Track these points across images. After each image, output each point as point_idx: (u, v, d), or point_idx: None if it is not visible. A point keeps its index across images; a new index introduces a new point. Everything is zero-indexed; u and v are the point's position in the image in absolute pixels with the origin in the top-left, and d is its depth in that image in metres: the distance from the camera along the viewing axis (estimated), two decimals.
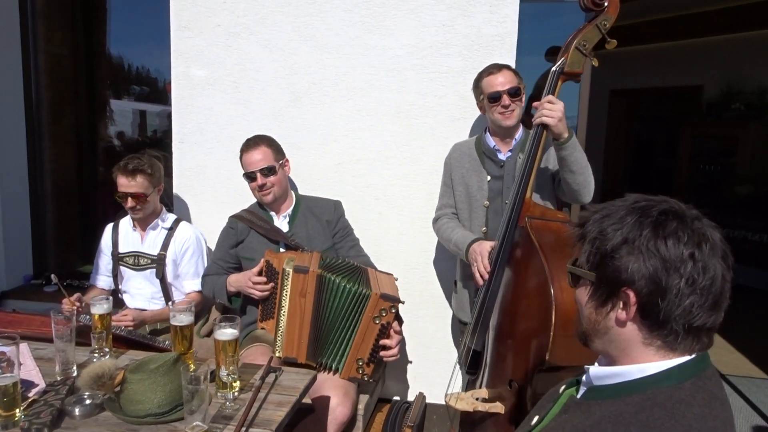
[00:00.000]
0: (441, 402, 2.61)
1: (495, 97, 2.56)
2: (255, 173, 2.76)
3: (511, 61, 3.00)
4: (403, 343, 3.20)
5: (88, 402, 1.77)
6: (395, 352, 2.48)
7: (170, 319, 2.06)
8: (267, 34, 3.24)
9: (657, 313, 0.96)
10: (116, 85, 4.88)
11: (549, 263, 1.94)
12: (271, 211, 2.88)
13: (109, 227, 3.09)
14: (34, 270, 4.26)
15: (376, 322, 2.40)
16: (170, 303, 2.39)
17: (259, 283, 2.56)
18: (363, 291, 2.42)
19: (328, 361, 2.48)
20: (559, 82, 2.27)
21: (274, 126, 3.24)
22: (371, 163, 3.23)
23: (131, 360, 2.05)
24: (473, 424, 2.40)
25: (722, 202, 6.78)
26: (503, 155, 2.65)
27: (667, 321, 0.96)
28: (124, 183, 2.82)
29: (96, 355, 2.06)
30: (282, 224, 2.86)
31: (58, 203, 4.42)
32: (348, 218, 2.97)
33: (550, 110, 2.22)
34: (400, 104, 3.16)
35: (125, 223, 3.04)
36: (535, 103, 2.28)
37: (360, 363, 2.43)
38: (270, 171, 2.77)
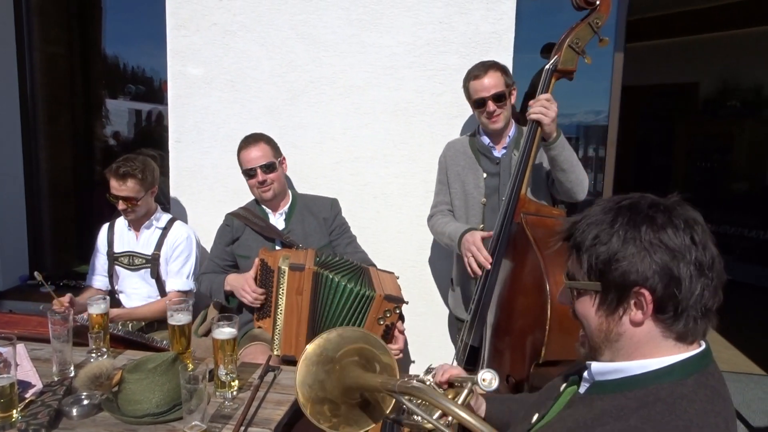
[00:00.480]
0: None
1: (480, 103, 2.56)
2: (255, 170, 2.75)
3: (508, 58, 2.99)
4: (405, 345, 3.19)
5: (85, 402, 1.76)
6: (399, 351, 2.46)
7: (168, 319, 2.05)
8: (263, 32, 3.23)
9: (675, 304, 0.97)
10: (112, 85, 4.86)
11: (544, 259, 1.95)
12: (267, 208, 2.88)
13: (104, 227, 3.07)
14: (30, 270, 4.23)
15: (381, 323, 2.39)
16: (166, 302, 2.39)
17: (254, 292, 2.55)
18: (366, 292, 2.42)
19: None
20: (553, 80, 2.30)
21: (272, 124, 3.23)
22: (369, 161, 3.22)
23: (129, 360, 2.04)
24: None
25: (719, 199, 6.79)
26: (498, 152, 2.65)
27: (684, 310, 0.97)
28: (115, 186, 2.80)
29: (93, 355, 2.05)
30: (278, 222, 2.85)
31: (54, 203, 4.40)
32: (346, 216, 2.97)
33: (546, 108, 2.23)
34: (397, 102, 3.15)
35: (120, 223, 3.03)
36: (531, 102, 2.29)
37: None
38: (270, 168, 2.76)
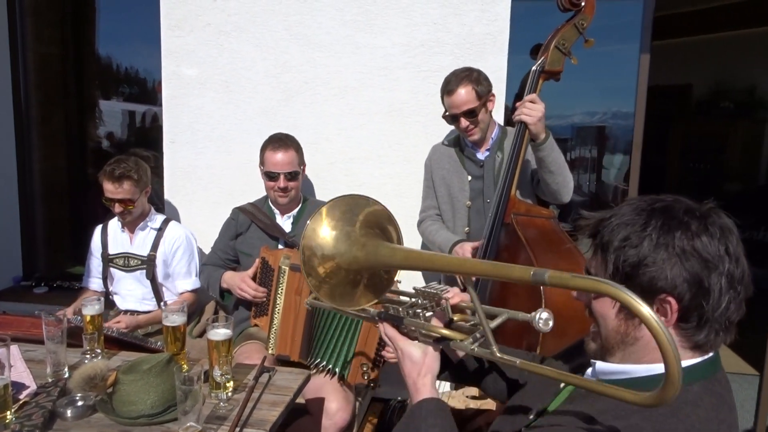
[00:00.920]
0: None
1: (453, 118, 2.58)
2: (278, 175, 2.71)
3: (502, 59, 3.00)
4: None
5: (80, 404, 1.75)
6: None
7: (162, 320, 2.05)
8: (258, 32, 3.22)
9: (700, 315, 0.94)
10: (106, 85, 4.85)
11: (536, 258, 1.96)
12: (276, 209, 2.87)
13: (98, 229, 3.06)
14: (24, 271, 4.21)
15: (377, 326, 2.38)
16: (162, 304, 2.38)
17: (253, 290, 2.56)
18: None
19: (332, 366, 2.42)
20: (540, 81, 2.32)
21: (266, 125, 3.22)
22: (363, 162, 3.22)
23: (123, 361, 2.03)
24: (465, 422, 2.40)
25: (712, 199, 6.81)
26: (481, 155, 2.66)
27: (708, 321, 0.95)
28: (110, 189, 2.78)
29: (88, 356, 2.04)
30: (285, 224, 2.85)
31: (48, 204, 4.38)
32: None
33: (530, 109, 2.25)
34: (392, 103, 3.16)
35: (114, 225, 3.02)
36: (518, 103, 2.30)
37: (365, 368, 2.40)
38: (294, 176, 2.75)
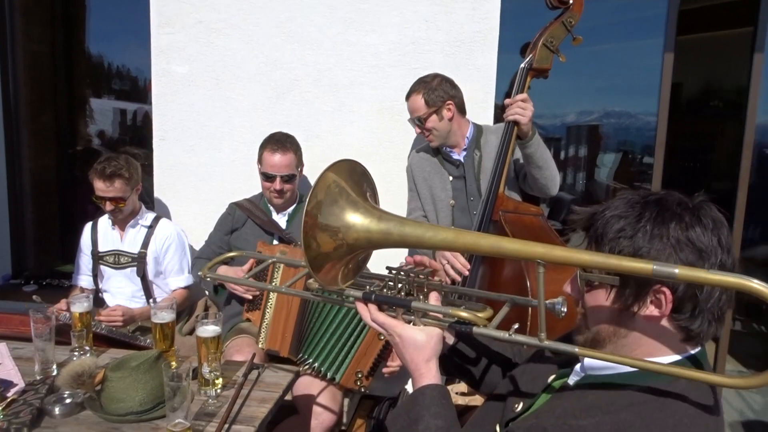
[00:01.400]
0: None
1: (412, 123, 2.65)
2: (275, 177, 2.72)
3: (492, 57, 3.01)
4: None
5: (68, 401, 1.75)
6: (395, 369, 2.44)
7: (151, 317, 2.04)
8: (248, 30, 3.22)
9: (694, 305, 0.95)
10: (96, 83, 4.83)
11: None
12: (272, 207, 2.88)
13: (87, 226, 3.05)
14: (13, 270, 4.19)
15: (381, 339, 2.38)
16: (151, 301, 2.38)
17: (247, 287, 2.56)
18: None
19: (323, 369, 2.42)
20: (528, 78, 2.34)
21: (256, 122, 3.22)
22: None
23: (112, 358, 2.03)
24: None
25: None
26: (458, 155, 2.68)
27: (702, 312, 0.96)
28: (101, 188, 2.77)
29: (76, 353, 2.04)
30: (280, 221, 2.86)
31: (38, 202, 4.36)
32: None
33: (523, 109, 2.26)
34: (382, 100, 3.16)
35: (104, 222, 3.01)
36: (507, 100, 2.31)
37: (359, 375, 2.40)
38: (290, 179, 2.76)
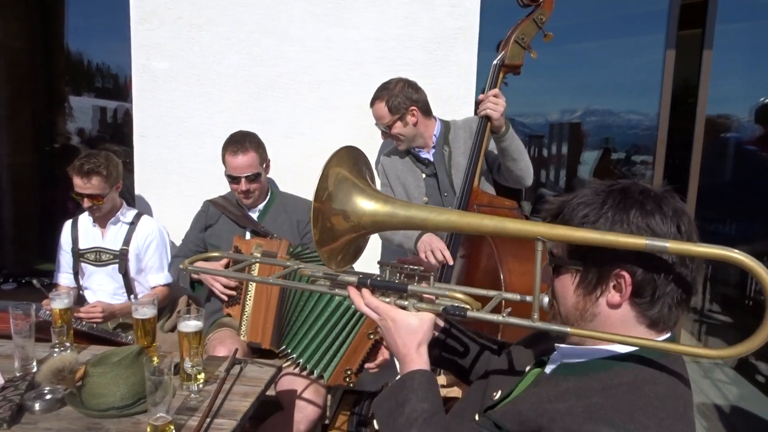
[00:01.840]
0: None
1: (380, 128, 2.70)
2: (240, 178, 2.72)
3: (472, 54, 3.04)
4: None
5: (48, 397, 1.74)
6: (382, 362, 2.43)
7: (132, 313, 2.04)
8: (230, 26, 3.21)
9: (653, 289, 0.98)
10: (75, 81, 4.79)
11: (498, 249, 2.00)
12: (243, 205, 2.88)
13: (67, 224, 3.03)
14: None
15: (370, 338, 2.39)
16: (132, 297, 2.37)
17: (224, 285, 2.56)
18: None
19: (310, 366, 2.41)
20: (501, 74, 2.37)
21: (238, 119, 3.22)
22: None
23: (93, 355, 2.02)
24: None
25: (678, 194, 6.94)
26: (428, 153, 2.72)
27: (661, 296, 0.99)
28: (79, 184, 2.76)
29: (57, 350, 2.03)
30: (253, 216, 2.86)
31: (16, 199, 4.32)
32: None
33: (495, 104, 2.29)
34: (364, 97, 3.15)
35: (85, 219, 2.99)
36: (481, 96, 2.34)
37: (348, 373, 2.41)
38: (255, 178, 2.75)
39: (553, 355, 1.15)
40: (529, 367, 1.23)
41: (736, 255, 0.87)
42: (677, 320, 1.03)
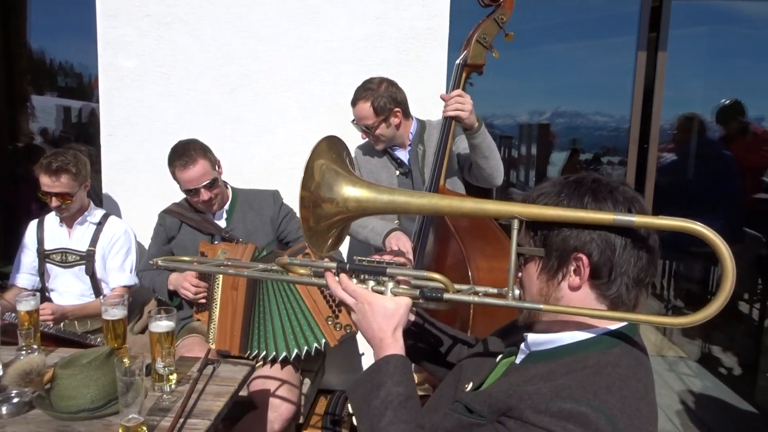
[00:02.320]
0: None
1: (358, 128, 2.68)
2: (198, 190, 2.61)
3: (442, 54, 3.07)
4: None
5: (15, 400, 1.70)
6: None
7: (102, 314, 2.00)
8: (199, 24, 3.18)
9: (609, 271, 1.05)
10: (38, 80, 4.69)
11: (465, 246, 2.03)
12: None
13: (33, 224, 2.96)
14: None
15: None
16: (101, 298, 2.33)
17: (194, 286, 2.54)
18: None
19: (306, 347, 2.38)
20: (464, 74, 2.38)
21: (208, 118, 3.19)
22: (307, 155, 3.22)
23: (61, 358, 1.98)
24: None
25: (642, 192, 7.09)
26: (403, 152, 2.74)
27: (617, 277, 1.05)
28: (47, 183, 2.70)
29: (23, 352, 1.98)
30: (220, 221, 2.80)
31: None
32: None
33: (461, 104, 2.31)
34: (335, 96, 3.17)
35: (51, 219, 2.93)
36: (443, 95, 2.36)
37: (330, 321, 2.39)
38: (213, 184, 2.65)
39: (522, 345, 1.19)
40: (500, 357, 1.27)
41: (695, 226, 0.96)
42: (636, 302, 1.09)
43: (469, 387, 1.23)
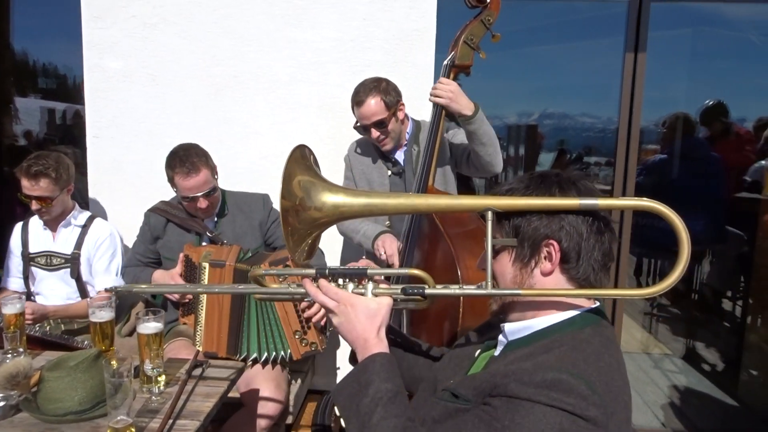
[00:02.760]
0: None
1: (364, 128, 2.63)
2: (197, 198, 2.59)
3: (430, 55, 3.08)
4: (333, 335, 3.21)
5: (1, 404, 1.68)
6: (320, 314, 2.42)
7: (89, 316, 1.99)
8: (185, 25, 3.17)
9: (577, 255, 1.13)
10: (21, 82, 4.64)
11: (454, 245, 2.04)
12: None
13: (18, 227, 2.93)
14: None
15: (296, 302, 2.39)
16: (88, 300, 2.32)
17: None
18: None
19: (268, 355, 2.43)
20: (452, 75, 2.39)
21: (195, 119, 3.18)
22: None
23: (47, 361, 1.97)
24: None
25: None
26: (399, 152, 2.72)
27: (585, 260, 1.14)
28: (27, 186, 2.67)
29: (9, 355, 1.97)
30: (209, 223, 2.78)
31: None
32: None
33: (440, 89, 2.32)
34: (323, 97, 3.18)
35: (35, 222, 2.90)
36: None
37: (297, 336, 2.41)
38: (212, 191, 2.64)
39: (500, 337, 1.24)
40: (479, 351, 1.32)
41: (650, 203, 1.08)
42: (600, 283, 1.17)
43: (451, 382, 1.25)
